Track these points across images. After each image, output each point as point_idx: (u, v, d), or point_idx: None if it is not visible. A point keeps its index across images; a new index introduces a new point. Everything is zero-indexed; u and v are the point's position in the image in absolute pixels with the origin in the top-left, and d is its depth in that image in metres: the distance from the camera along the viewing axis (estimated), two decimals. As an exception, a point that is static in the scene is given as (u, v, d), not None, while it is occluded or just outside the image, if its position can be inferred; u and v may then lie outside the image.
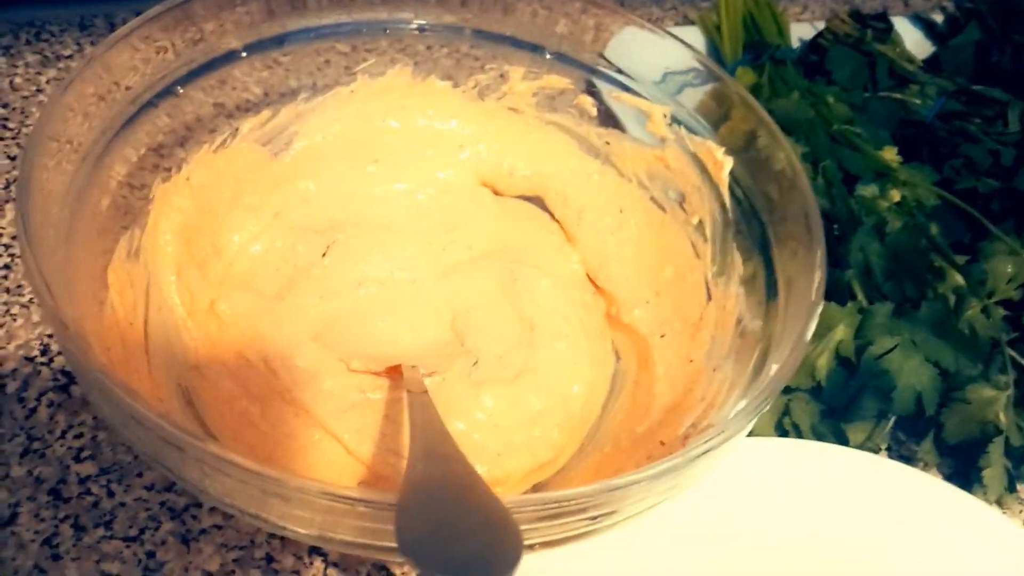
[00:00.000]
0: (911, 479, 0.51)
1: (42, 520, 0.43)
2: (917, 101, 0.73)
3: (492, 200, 0.58)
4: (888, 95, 0.73)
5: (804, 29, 0.84)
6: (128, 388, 0.30)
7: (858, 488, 0.50)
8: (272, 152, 0.53)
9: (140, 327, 0.43)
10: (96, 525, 0.43)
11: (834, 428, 0.54)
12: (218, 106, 0.52)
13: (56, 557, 0.42)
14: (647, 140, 0.55)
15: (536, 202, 0.58)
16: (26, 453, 0.45)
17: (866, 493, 0.50)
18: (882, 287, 0.57)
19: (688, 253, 0.52)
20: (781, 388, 0.37)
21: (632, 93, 0.55)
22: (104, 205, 0.44)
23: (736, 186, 0.50)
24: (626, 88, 0.55)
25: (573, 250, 0.57)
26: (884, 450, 0.56)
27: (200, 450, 0.29)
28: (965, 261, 0.58)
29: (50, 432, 0.46)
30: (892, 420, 0.55)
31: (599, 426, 0.49)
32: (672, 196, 0.54)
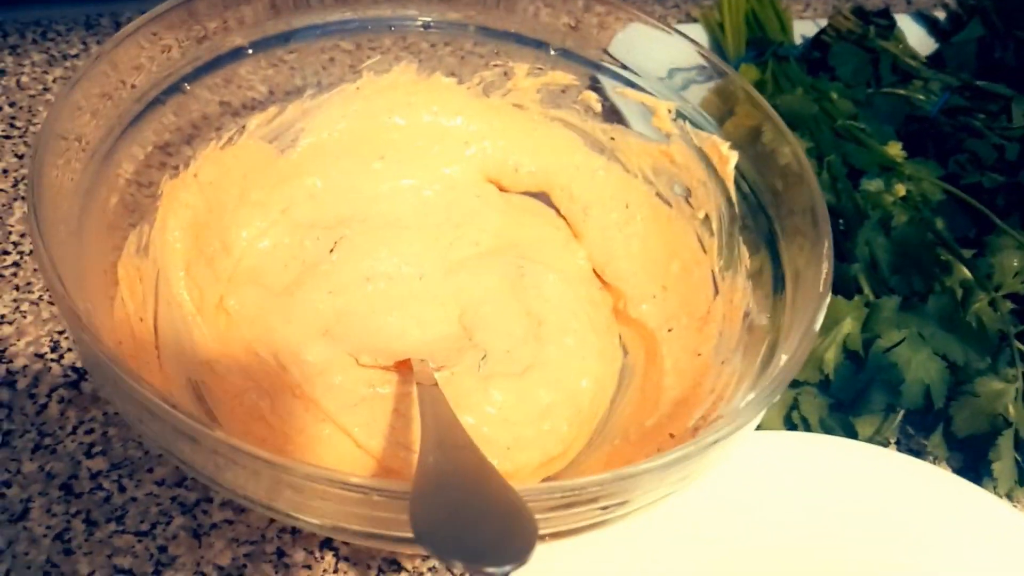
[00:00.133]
0: (921, 472, 0.51)
1: (54, 515, 0.43)
2: (921, 97, 0.73)
3: (498, 196, 0.58)
4: (892, 91, 0.73)
5: (807, 27, 0.84)
6: (141, 378, 0.30)
7: (867, 482, 0.50)
8: (279, 149, 0.53)
9: (150, 322, 0.43)
10: (108, 520, 0.43)
11: (843, 422, 0.54)
12: (224, 104, 0.52)
13: (68, 552, 0.42)
14: (652, 136, 0.55)
15: (542, 198, 0.58)
16: (37, 449, 0.45)
17: (875, 487, 0.50)
18: (889, 281, 0.57)
19: (695, 247, 0.52)
20: (790, 379, 0.37)
21: (637, 89, 0.55)
22: (112, 202, 0.44)
23: (742, 180, 0.50)
24: (631, 84, 0.55)
25: (579, 246, 0.57)
26: (893, 444, 0.56)
27: (214, 440, 0.29)
28: (971, 255, 0.58)
29: (61, 428, 0.46)
30: (901, 414, 0.54)
31: (608, 420, 0.49)
32: (678, 191, 0.54)
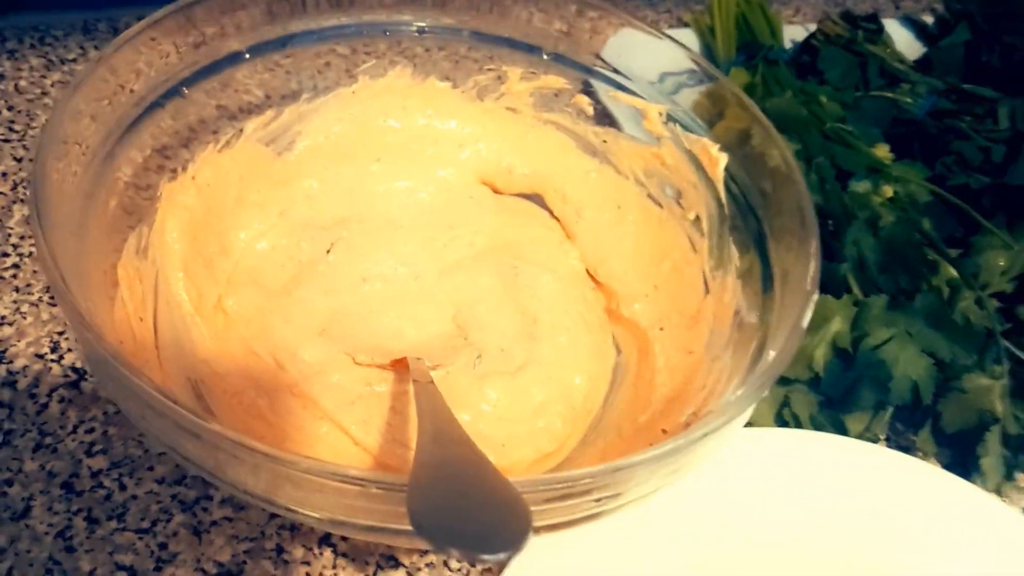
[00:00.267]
0: (910, 468, 0.52)
1: (55, 513, 0.43)
2: (908, 100, 0.74)
3: (492, 198, 0.58)
4: (880, 94, 0.74)
5: (797, 31, 0.85)
6: (143, 374, 0.31)
7: (858, 477, 0.51)
8: (276, 152, 0.54)
9: (150, 322, 0.43)
10: (109, 518, 0.44)
11: (833, 419, 0.55)
12: (221, 108, 0.53)
13: (70, 549, 0.42)
14: (643, 138, 0.55)
15: (535, 200, 0.59)
16: (38, 448, 0.45)
17: (865, 482, 0.50)
18: (877, 280, 0.58)
19: (685, 248, 0.53)
20: (778, 375, 0.37)
21: (628, 93, 0.55)
22: (112, 204, 0.44)
23: (732, 182, 0.51)
24: (622, 88, 0.55)
25: (573, 246, 0.57)
26: (883, 440, 0.56)
27: (215, 434, 0.30)
28: (958, 254, 0.59)
29: (62, 427, 0.46)
30: (890, 410, 0.55)
31: (602, 417, 0.49)
32: (669, 193, 0.55)
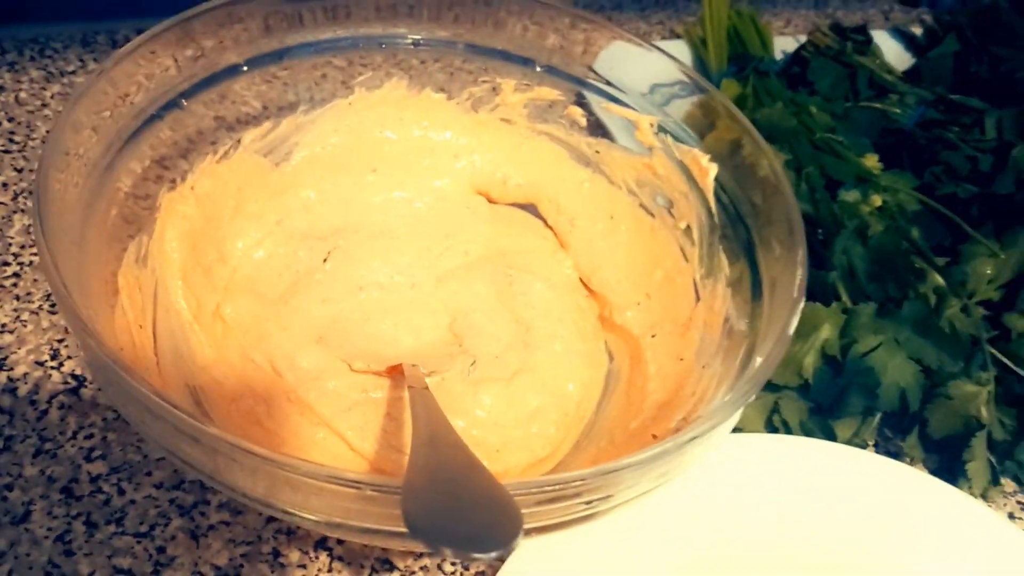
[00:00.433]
0: (898, 473, 0.52)
1: (55, 517, 0.44)
2: (897, 110, 0.75)
3: (487, 208, 0.59)
4: (869, 105, 0.75)
5: (787, 43, 0.86)
6: (143, 379, 0.32)
7: (847, 482, 0.51)
8: (273, 162, 0.54)
9: (149, 329, 0.44)
10: (107, 522, 0.44)
11: (822, 425, 0.55)
12: (219, 119, 0.53)
13: (69, 553, 0.43)
14: (635, 149, 0.56)
15: (530, 209, 0.60)
16: (38, 453, 0.46)
17: (854, 487, 0.51)
18: (865, 288, 0.58)
19: (677, 256, 0.54)
20: (765, 380, 0.38)
21: (621, 104, 0.56)
22: (112, 214, 0.45)
23: (722, 192, 0.52)
24: (615, 100, 0.56)
25: (566, 255, 0.58)
26: (871, 446, 0.57)
27: (214, 437, 0.31)
28: (945, 263, 0.60)
29: (61, 433, 0.47)
30: (878, 416, 0.56)
31: (594, 423, 0.50)
32: (660, 202, 0.56)
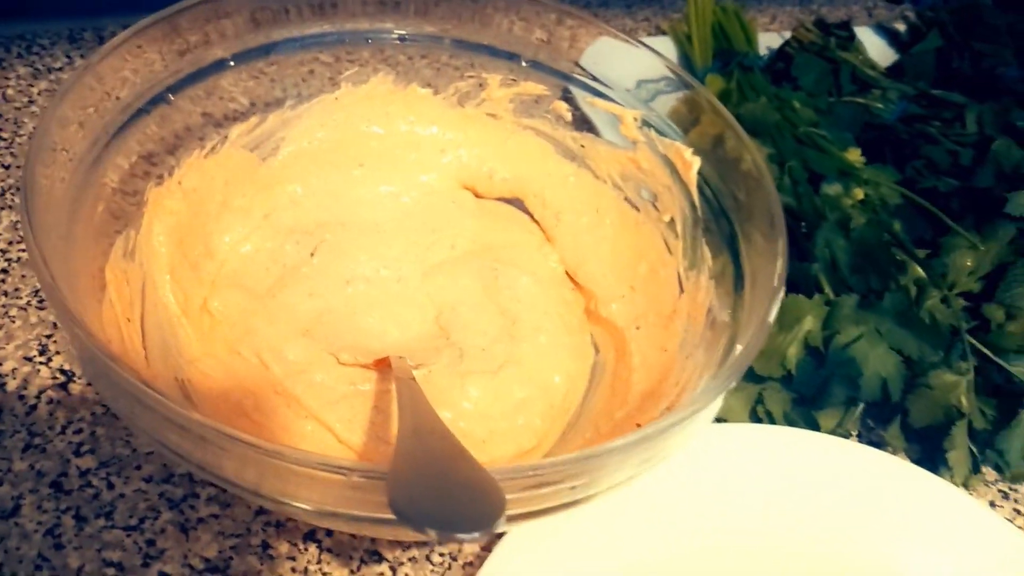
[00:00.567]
0: (880, 463, 0.53)
1: (44, 512, 0.44)
2: (880, 105, 0.76)
3: (473, 202, 0.60)
4: (852, 100, 0.76)
5: (772, 39, 0.87)
6: (131, 369, 0.32)
7: (830, 472, 0.52)
8: (260, 157, 0.55)
9: (137, 323, 0.44)
10: (97, 516, 0.44)
11: (805, 415, 0.56)
12: (206, 116, 0.53)
13: (59, 547, 0.43)
14: (620, 143, 0.57)
15: (516, 204, 0.60)
16: (27, 448, 0.46)
17: (837, 476, 0.52)
18: (848, 280, 0.59)
19: (661, 249, 0.54)
20: (746, 366, 0.39)
21: (606, 99, 0.57)
22: (99, 209, 0.45)
23: (705, 186, 0.52)
24: (600, 95, 0.57)
25: (552, 249, 0.59)
26: (854, 436, 0.58)
27: (201, 426, 0.31)
28: (926, 255, 0.61)
29: (50, 428, 0.47)
30: (861, 407, 0.57)
31: (580, 414, 0.51)
32: (645, 196, 0.56)
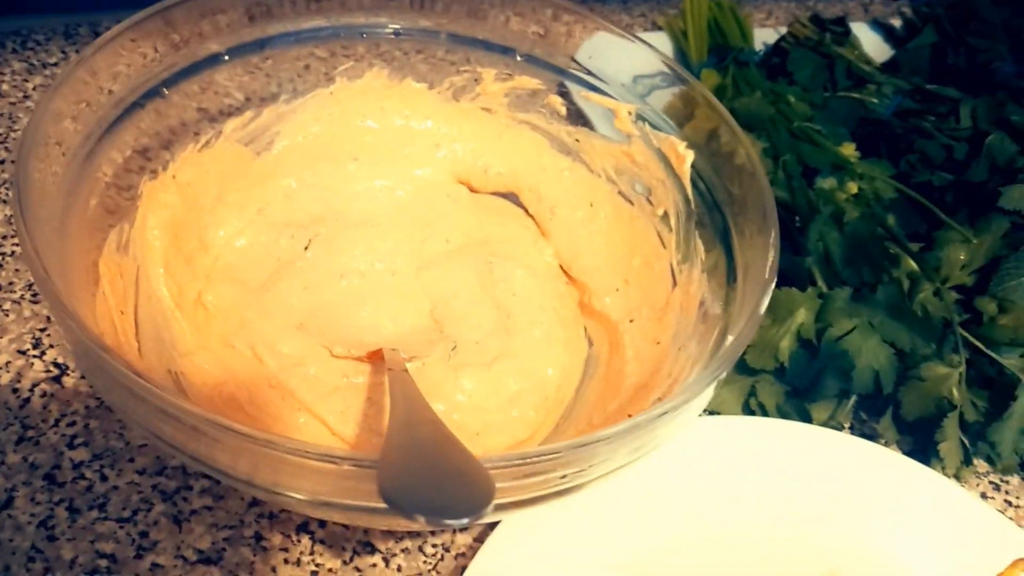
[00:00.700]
0: (873, 454, 0.53)
1: (38, 504, 0.44)
2: (875, 100, 0.76)
3: (468, 197, 0.60)
4: (847, 95, 0.76)
5: (768, 35, 0.87)
6: (124, 360, 0.32)
7: (822, 464, 0.52)
8: (255, 151, 0.55)
9: (131, 316, 0.44)
10: (90, 508, 0.44)
11: (798, 407, 0.56)
12: (201, 110, 0.54)
13: (52, 538, 0.43)
14: (615, 137, 0.57)
15: (511, 198, 0.60)
16: (21, 441, 0.46)
17: (830, 468, 0.52)
18: (841, 273, 0.59)
19: (655, 243, 0.55)
20: (737, 357, 0.39)
21: (601, 94, 0.57)
22: (93, 204, 0.45)
23: (699, 180, 0.53)
24: (596, 90, 0.57)
25: (547, 243, 0.59)
26: (847, 428, 0.58)
27: (194, 416, 0.31)
28: (919, 248, 0.61)
29: (44, 421, 0.47)
30: (853, 399, 0.57)
31: (573, 406, 0.51)
32: (639, 190, 0.56)
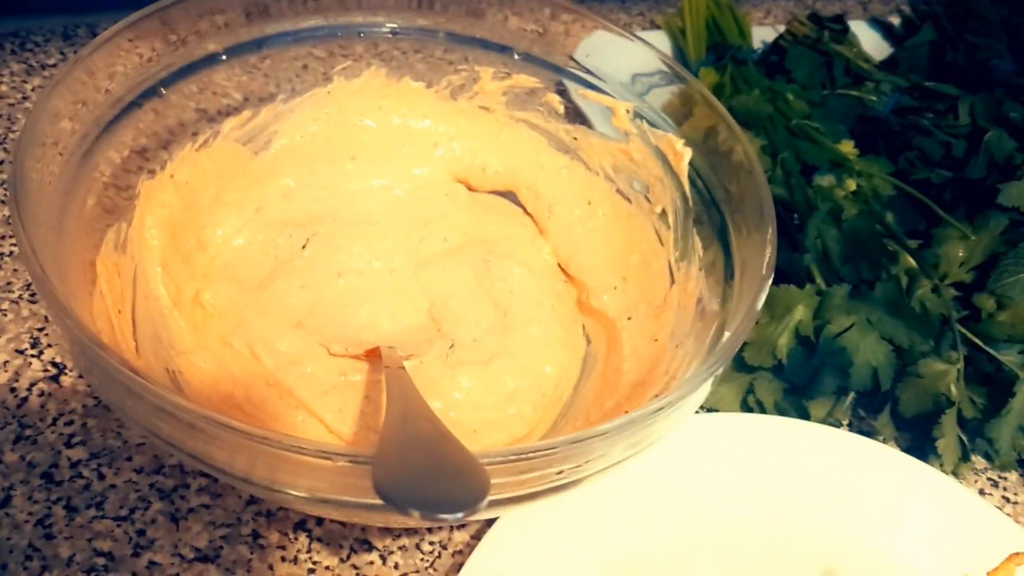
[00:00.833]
0: (871, 451, 0.53)
1: (35, 502, 0.44)
2: (873, 98, 0.76)
3: (466, 195, 0.60)
4: (845, 92, 0.76)
5: (767, 33, 0.87)
6: (122, 358, 0.32)
7: (821, 460, 0.52)
8: (253, 151, 0.55)
9: (128, 315, 0.44)
10: (88, 506, 0.45)
11: (796, 405, 0.56)
12: (199, 110, 0.54)
13: (49, 537, 0.43)
14: (612, 135, 0.57)
15: (509, 196, 0.60)
16: (18, 440, 0.46)
17: (828, 465, 0.52)
18: (839, 270, 0.59)
19: (652, 240, 0.55)
20: (734, 352, 0.39)
21: (600, 92, 0.57)
22: (90, 203, 0.45)
23: (697, 178, 0.53)
24: (594, 88, 0.57)
25: (545, 241, 0.59)
26: (845, 425, 0.58)
27: (191, 412, 0.31)
28: (917, 245, 0.61)
29: (41, 420, 0.47)
30: (851, 396, 0.57)
31: (571, 404, 0.51)
32: (637, 188, 0.56)
